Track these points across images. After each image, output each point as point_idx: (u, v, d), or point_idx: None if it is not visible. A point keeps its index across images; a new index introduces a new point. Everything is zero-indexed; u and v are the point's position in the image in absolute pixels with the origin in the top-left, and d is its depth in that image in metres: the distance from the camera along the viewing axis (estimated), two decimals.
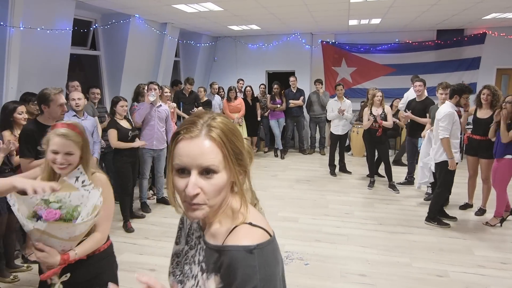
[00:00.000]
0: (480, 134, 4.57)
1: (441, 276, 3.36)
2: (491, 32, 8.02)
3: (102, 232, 1.78)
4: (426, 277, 3.35)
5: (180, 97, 6.66)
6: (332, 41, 8.93)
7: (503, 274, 3.39)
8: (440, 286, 3.21)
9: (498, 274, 3.40)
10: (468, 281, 3.27)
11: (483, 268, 3.50)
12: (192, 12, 5.86)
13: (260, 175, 6.73)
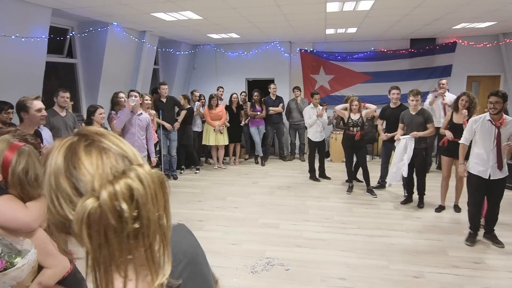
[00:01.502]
0: (458, 137, 4.74)
1: (417, 277, 3.46)
2: (461, 41, 8.37)
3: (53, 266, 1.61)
4: (403, 278, 3.44)
5: (158, 105, 6.62)
6: (310, 50, 9.11)
7: (476, 274, 3.52)
8: (417, 287, 3.30)
9: (472, 273, 3.53)
10: (443, 281, 3.38)
11: (457, 268, 3.62)
12: (171, 21, 5.87)
13: (241, 182, 6.75)
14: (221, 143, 7.60)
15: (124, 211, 0.61)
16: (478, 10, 5.41)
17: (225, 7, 4.96)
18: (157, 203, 0.66)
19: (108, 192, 0.61)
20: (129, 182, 0.62)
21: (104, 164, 0.65)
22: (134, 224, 0.62)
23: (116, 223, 0.61)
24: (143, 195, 0.63)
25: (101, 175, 0.63)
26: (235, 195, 5.98)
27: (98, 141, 0.68)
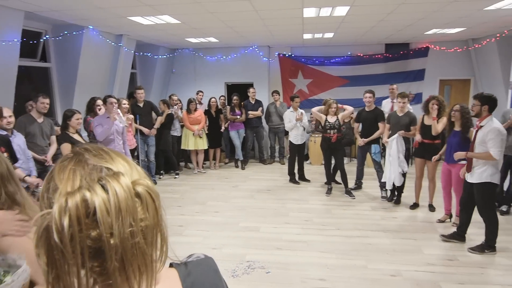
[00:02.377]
0: (428, 139, 4.97)
1: (394, 275, 3.55)
2: (433, 46, 8.67)
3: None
4: (381, 277, 3.52)
5: (135, 110, 6.53)
6: (289, 54, 9.22)
7: (450, 270, 3.64)
8: (394, 285, 3.39)
9: (446, 270, 3.65)
10: (419, 279, 3.48)
11: (432, 265, 3.73)
12: (148, 25, 5.83)
13: (221, 186, 6.74)
14: (200, 147, 7.57)
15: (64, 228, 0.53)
16: (448, 17, 5.62)
17: (203, 11, 4.97)
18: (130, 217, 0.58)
19: (58, 206, 0.55)
20: (86, 195, 0.56)
21: (75, 177, 0.60)
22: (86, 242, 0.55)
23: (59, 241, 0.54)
24: (102, 210, 0.55)
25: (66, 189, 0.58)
26: (215, 199, 5.97)
27: (78, 155, 0.64)
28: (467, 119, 4.36)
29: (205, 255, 0.88)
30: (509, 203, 5.16)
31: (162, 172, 7.43)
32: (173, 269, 0.77)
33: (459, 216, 4.35)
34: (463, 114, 4.36)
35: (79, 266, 0.56)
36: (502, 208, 5.15)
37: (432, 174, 5.09)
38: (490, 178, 3.87)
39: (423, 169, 5.20)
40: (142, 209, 0.60)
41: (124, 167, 0.65)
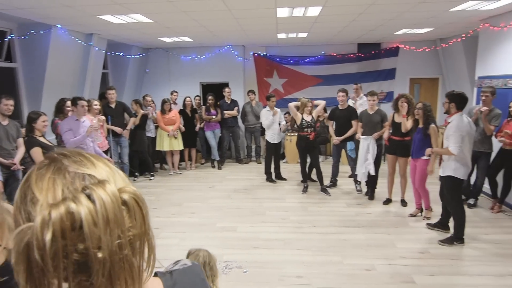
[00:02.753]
0: (398, 136, 5.12)
1: (369, 270, 3.63)
2: (403, 46, 8.92)
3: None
4: (356, 272, 3.59)
5: (107, 111, 6.36)
6: (263, 53, 9.25)
7: (421, 263, 3.76)
8: (369, 279, 3.47)
9: (418, 263, 3.77)
10: (392, 272, 3.57)
11: (405, 259, 3.85)
12: (120, 24, 5.70)
13: (197, 187, 6.68)
14: (175, 148, 7.48)
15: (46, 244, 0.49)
16: (416, 17, 5.80)
17: (175, 10, 4.91)
18: (118, 229, 0.54)
19: (41, 219, 0.50)
20: (71, 206, 0.51)
21: (56, 187, 0.55)
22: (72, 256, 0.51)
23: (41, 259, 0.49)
24: (89, 222, 0.51)
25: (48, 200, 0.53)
26: (191, 200, 5.91)
27: (56, 162, 0.59)
28: (428, 117, 4.55)
29: (192, 262, 0.85)
30: (476, 197, 5.38)
31: (136, 174, 7.29)
32: (158, 279, 0.73)
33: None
34: (425, 112, 4.56)
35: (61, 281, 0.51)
36: (469, 201, 5.37)
37: (403, 170, 5.25)
38: (453, 172, 4.04)
39: (395, 165, 5.35)
40: (130, 217, 0.57)
41: (106, 172, 0.60)
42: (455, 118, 4.02)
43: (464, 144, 3.97)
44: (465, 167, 4.06)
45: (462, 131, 3.93)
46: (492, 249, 4.02)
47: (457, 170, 4.03)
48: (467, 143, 4.02)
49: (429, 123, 4.54)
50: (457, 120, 3.99)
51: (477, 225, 4.70)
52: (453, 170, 4.04)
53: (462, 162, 4.02)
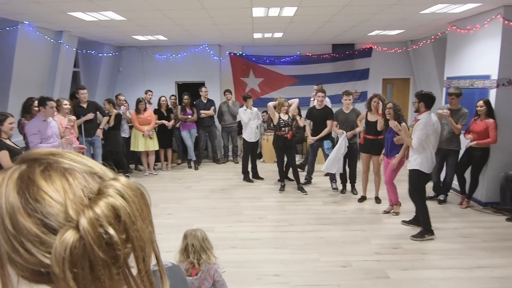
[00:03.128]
0: (372, 135, 5.25)
1: (345, 266, 3.70)
2: (376, 47, 9.14)
3: None
4: (333, 269, 3.65)
5: (78, 111, 6.17)
6: (240, 53, 9.24)
7: (395, 258, 3.87)
8: (345, 275, 3.53)
9: (391, 258, 3.87)
10: (367, 268, 3.65)
11: (379, 254, 3.94)
12: (91, 21, 5.54)
13: (174, 187, 6.60)
14: (151, 148, 7.35)
15: (113, 237, 0.50)
16: (388, 19, 5.96)
17: (149, 8, 4.82)
18: (147, 218, 0.56)
19: (89, 219, 0.49)
20: (111, 201, 0.52)
21: (73, 187, 0.53)
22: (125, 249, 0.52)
23: (105, 255, 0.49)
24: (130, 213, 0.52)
25: (74, 201, 0.51)
26: (168, 201, 5.83)
27: (56, 162, 0.56)
28: (398, 116, 4.72)
29: (172, 263, 0.84)
30: (446, 193, 5.58)
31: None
32: None
33: None
34: (395, 111, 4.72)
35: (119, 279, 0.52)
36: (440, 198, 5.57)
37: (377, 168, 5.39)
38: (419, 166, 4.27)
39: (369, 163, 5.48)
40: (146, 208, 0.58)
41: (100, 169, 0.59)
42: (424, 116, 4.22)
43: (429, 141, 4.20)
44: (429, 162, 4.26)
45: (428, 129, 4.15)
46: (462, 243, 4.18)
47: (422, 165, 4.25)
48: (432, 140, 4.24)
49: (400, 122, 4.68)
50: (425, 118, 4.20)
51: (447, 220, 4.88)
52: (418, 164, 4.27)
53: (427, 158, 4.25)
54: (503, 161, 5.24)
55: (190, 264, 2.24)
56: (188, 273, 2.25)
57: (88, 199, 0.52)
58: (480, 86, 5.43)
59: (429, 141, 4.20)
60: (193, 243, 2.35)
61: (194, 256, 2.29)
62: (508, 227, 4.65)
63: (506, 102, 5.15)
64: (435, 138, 4.26)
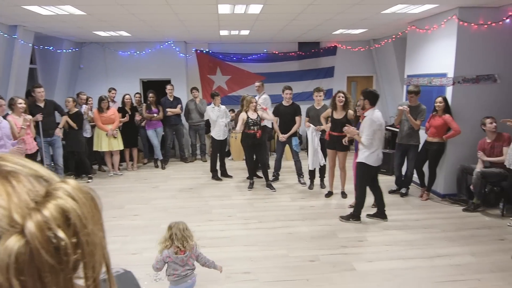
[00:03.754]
0: (337, 131, 5.36)
1: (313, 260, 3.76)
2: (340, 45, 9.35)
3: None
4: (301, 263, 3.70)
5: (34, 111, 5.85)
6: (206, 50, 9.14)
7: (360, 251, 3.99)
8: (313, 269, 3.60)
9: (357, 251, 3.99)
10: (335, 261, 3.74)
11: (345, 247, 4.05)
12: (48, 15, 5.28)
13: (140, 188, 6.43)
14: (115, 148, 7.12)
15: (62, 240, 0.46)
16: (351, 18, 6.10)
17: (110, 3, 4.66)
18: (98, 222, 0.53)
19: (36, 222, 0.46)
20: (60, 203, 0.48)
21: (17, 190, 0.49)
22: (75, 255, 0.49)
23: (54, 260, 0.46)
24: (80, 216, 0.49)
25: (18, 204, 0.48)
26: (134, 202, 5.68)
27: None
28: None
29: (124, 269, 0.81)
30: (407, 186, 5.82)
31: (72, 176, 6.81)
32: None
33: None
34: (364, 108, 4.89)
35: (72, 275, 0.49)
36: (401, 191, 5.80)
37: (342, 163, 5.52)
38: (365, 159, 4.54)
39: (335, 159, 5.61)
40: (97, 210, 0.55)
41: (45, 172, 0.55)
42: (369, 113, 4.47)
43: (375, 136, 4.44)
44: (375, 156, 4.51)
45: (373, 126, 4.40)
46: (423, 234, 4.38)
47: (368, 158, 4.51)
48: (379, 135, 4.51)
49: None
50: (370, 115, 4.43)
51: (409, 212, 5.10)
52: (365, 157, 4.53)
53: (373, 152, 4.50)
54: (459, 154, 5.54)
55: (177, 248, 2.80)
56: (177, 253, 2.82)
57: (35, 203, 0.49)
58: (437, 84, 5.70)
59: (376, 136, 4.46)
60: (176, 232, 2.82)
61: (178, 242, 2.79)
62: (465, 217, 4.93)
63: (461, 98, 5.44)
64: (380, 133, 4.54)
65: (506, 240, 4.20)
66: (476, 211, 5.05)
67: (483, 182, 4.98)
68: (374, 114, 4.45)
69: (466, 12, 5.20)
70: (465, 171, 5.28)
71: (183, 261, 2.88)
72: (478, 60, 5.35)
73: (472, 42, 5.30)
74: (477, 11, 5.22)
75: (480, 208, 5.09)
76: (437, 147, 5.38)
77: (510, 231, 4.44)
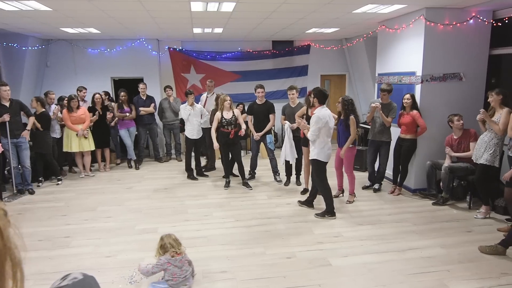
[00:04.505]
0: None
1: (290, 257, 3.79)
2: (313, 44, 9.46)
3: None
4: (278, 261, 3.72)
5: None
6: (179, 48, 9.01)
7: (336, 246, 4.05)
8: (290, 266, 3.62)
9: (333, 246, 4.05)
10: (311, 257, 3.79)
11: (322, 243, 4.10)
12: (12, 11, 5.04)
13: (113, 189, 6.27)
14: (86, 148, 6.90)
15: None
16: (323, 17, 6.18)
17: None
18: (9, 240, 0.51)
19: None
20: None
21: None
22: None
23: None
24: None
25: None
26: (107, 203, 5.53)
27: None
28: (347, 109, 4.98)
29: (84, 275, 0.77)
30: (380, 182, 5.97)
31: (41, 178, 6.55)
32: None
33: None
34: (343, 105, 5.00)
35: None
36: (374, 187, 5.94)
37: None
38: (316, 156, 4.77)
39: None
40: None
41: None
42: (318, 111, 4.72)
43: (322, 132, 4.69)
44: (325, 152, 4.76)
45: (319, 123, 4.64)
46: (395, 228, 4.51)
47: (319, 154, 4.75)
48: (326, 132, 4.74)
49: (348, 115, 4.99)
50: (319, 112, 4.69)
51: (381, 207, 5.23)
52: (316, 154, 4.77)
53: (322, 148, 4.74)
54: (428, 151, 5.73)
55: (173, 252, 3.18)
56: (174, 257, 3.17)
57: None
58: (407, 82, 5.87)
59: (323, 133, 4.69)
60: (169, 241, 3.23)
61: (172, 248, 3.20)
62: (434, 210, 5.11)
63: (429, 96, 5.63)
64: (327, 130, 4.74)
65: (473, 232, 4.39)
66: (445, 204, 5.25)
67: (451, 176, 5.18)
68: (322, 112, 4.69)
69: (432, 12, 5.38)
70: (434, 167, 5.47)
71: (181, 261, 3.20)
72: (444, 59, 5.55)
73: (439, 42, 5.49)
74: (443, 12, 5.41)
75: (448, 202, 5.30)
76: (410, 144, 5.55)
77: (477, 223, 4.64)
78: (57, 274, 3.33)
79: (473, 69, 5.67)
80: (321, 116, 4.64)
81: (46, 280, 3.33)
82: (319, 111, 4.70)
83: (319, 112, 4.68)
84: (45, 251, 3.94)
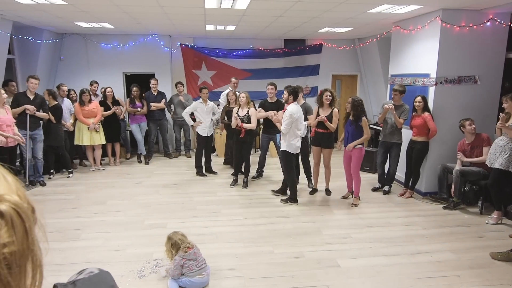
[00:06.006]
0: (322, 129, 5.40)
1: (298, 257, 3.78)
2: (326, 43, 9.40)
3: None
4: (286, 260, 3.72)
5: (22, 100, 5.69)
6: (191, 45, 9.02)
7: (344, 247, 4.03)
8: (298, 266, 3.61)
9: (341, 247, 4.03)
10: (319, 258, 3.77)
11: (330, 244, 4.09)
12: (28, 4, 5.09)
13: (123, 183, 6.32)
14: (97, 142, 6.96)
15: None
16: (337, 17, 6.14)
17: None
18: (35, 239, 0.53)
19: None
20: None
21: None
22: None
23: None
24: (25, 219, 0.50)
25: None
26: (116, 198, 5.57)
27: None
28: (357, 110, 4.96)
29: (99, 270, 0.78)
30: (390, 184, 5.92)
31: (52, 171, 6.63)
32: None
33: None
34: (353, 106, 4.97)
35: None
36: (384, 189, 5.89)
37: (327, 161, 5.57)
38: (286, 147, 5.14)
39: (320, 156, 5.65)
40: (7, 231, 0.49)
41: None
42: (291, 106, 5.06)
43: (293, 127, 5.03)
44: (293, 144, 5.11)
45: (292, 117, 4.97)
46: (405, 231, 4.47)
47: (289, 146, 5.12)
48: (298, 126, 5.07)
49: (359, 116, 4.98)
50: (291, 108, 5.03)
51: (391, 210, 5.19)
52: (286, 146, 5.13)
53: (292, 141, 5.09)
54: (440, 154, 5.66)
55: (185, 248, 3.23)
56: (187, 252, 3.22)
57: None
58: (420, 84, 5.80)
59: (293, 127, 5.03)
60: (179, 237, 3.29)
61: (183, 244, 3.25)
62: (445, 214, 5.05)
63: (443, 99, 5.55)
64: (298, 124, 5.07)
65: (484, 238, 4.33)
66: (456, 209, 5.18)
67: (462, 180, 5.11)
68: (294, 107, 5.04)
69: (449, 14, 5.31)
70: (446, 170, 5.41)
71: (195, 254, 3.25)
72: (459, 61, 5.47)
73: (455, 44, 5.41)
74: (459, 13, 5.33)
75: (460, 206, 5.23)
76: (421, 146, 5.49)
77: (489, 229, 4.58)
78: (67, 266, 3.37)
79: (488, 73, 5.58)
80: (294, 111, 4.99)
81: (56, 271, 3.37)
82: (292, 106, 5.06)
83: (292, 108, 5.03)
84: (55, 243, 3.98)
